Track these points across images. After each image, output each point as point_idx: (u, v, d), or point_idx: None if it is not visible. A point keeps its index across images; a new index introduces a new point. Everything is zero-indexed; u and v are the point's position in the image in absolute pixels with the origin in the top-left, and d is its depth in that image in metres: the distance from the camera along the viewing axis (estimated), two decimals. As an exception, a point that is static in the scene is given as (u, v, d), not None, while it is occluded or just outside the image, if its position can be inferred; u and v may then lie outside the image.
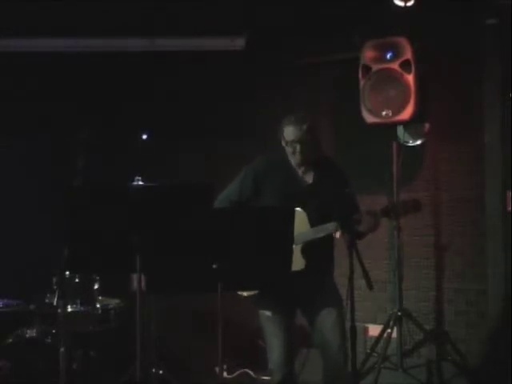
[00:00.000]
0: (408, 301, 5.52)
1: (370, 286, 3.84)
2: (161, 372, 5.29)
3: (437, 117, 5.60)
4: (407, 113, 5.32)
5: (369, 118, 5.45)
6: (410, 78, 5.30)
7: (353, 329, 3.88)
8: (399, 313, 5.38)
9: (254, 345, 5.46)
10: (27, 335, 4.93)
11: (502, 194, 5.39)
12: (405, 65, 5.33)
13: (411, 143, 5.59)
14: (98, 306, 5.14)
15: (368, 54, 5.47)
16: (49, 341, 4.92)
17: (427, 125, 5.59)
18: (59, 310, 4.82)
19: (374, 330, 5.67)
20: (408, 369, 5.44)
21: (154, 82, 6.27)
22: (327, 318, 4.23)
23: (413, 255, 5.67)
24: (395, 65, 5.36)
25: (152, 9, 5.72)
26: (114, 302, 5.31)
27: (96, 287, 5.13)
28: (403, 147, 5.55)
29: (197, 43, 6.05)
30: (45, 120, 6.10)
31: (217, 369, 3.81)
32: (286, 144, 4.27)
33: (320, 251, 4.23)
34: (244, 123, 6.22)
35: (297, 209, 4.07)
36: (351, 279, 3.86)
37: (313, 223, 4.20)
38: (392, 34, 5.41)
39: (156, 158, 5.81)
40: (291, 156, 4.27)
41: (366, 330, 5.84)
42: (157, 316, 5.32)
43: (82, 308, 5.06)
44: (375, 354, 5.40)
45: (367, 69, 5.47)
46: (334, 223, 4.12)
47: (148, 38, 6.02)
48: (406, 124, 5.47)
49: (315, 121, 4.40)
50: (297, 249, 4.16)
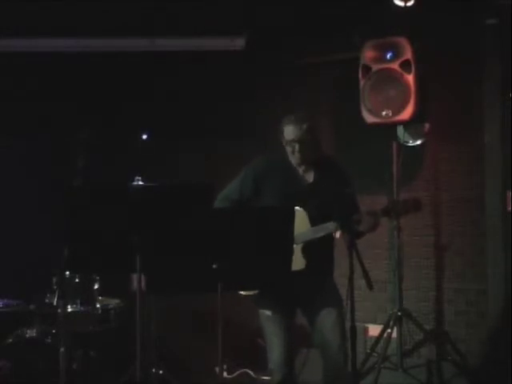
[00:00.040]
0: (408, 301, 5.52)
1: (370, 286, 3.84)
2: (161, 372, 5.29)
3: (437, 117, 5.60)
4: (407, 113, 5.32)
5: (369, 118, 5.46)
6: (410, 78, 5.30)
7: (353, 329, 3.88)
8: (399, 313, 5.38)
9: (254, 345, 5.46)
10: (27, 335, 4.93)
11: (502, 194, 5.39)
12: (405, 65, 5.33)
13: (411, 143, 5.59)
14: (98, 306, 5.14)
15: (368, 54, 5.47)
16: (49, 341, 4.92)
17: (427, 125, 5.59)
18: (59, 310, 4.82)
19: (374, 330, 5.67)
20: (408, 369, 5.44)
21: (154, 82, 6.27)
22: (327, 318, 4.23)
23: (413, 255, 5.67)
24: (395, 65, 5.36)
25: (152, 9, 5.72)
26: (114, 302, 5.31)
27: (96, 287, 5.13)
28: (403, 147, 5.55)
29: (197, 43, 6.05)
30: (45, 120, 6.10)
31: (217, 369, 3.81)
32: (286, 144, 4.27)
33: (320, 251, 4.23)
34: (244, 123, 6.22)
35: (297, 208, 4.08)
36: (351, 279, 3.86)
37: (313, 223, 4.20)
38: (392, 34, 5.41)
39: (156, 158, 5.81)
40: (291, 155, 4.28)
41: (366, 330, 5.84)
42: (157, 316, 5.32)
43: (82, 308, 5.06)
44: (375, 354, 5.40)
45: (367, 69, 5.47)
46: (334, 223, 4.12)
47: (148, 38, 6.02)
48: (406, 124, 5.47)
49: (315, 121, 4.41)
50: (297, 248, 4.17)
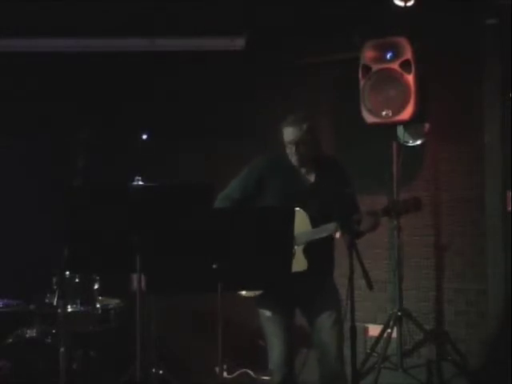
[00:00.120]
0: (408, 301, 5.52)
1: (370, 286, 3.84)
2: (161, 372, 5.29)
3: (437, 117, 5.60)
4: (407, 113, 5.32)
5: (369, 118, 5.46)
6: (410, 78, 5.30)
7: (353, 329, 3.88)
8: (399, 313, 5.38)
9: (254, 345, 5.46)
10: (27, 335, 4.93)
11: (502, 194, 5.39)
12: (405, 65, 5.33)
13: (411, 143, 5.59)
14: (98, 306, 5.14)
15: (368, 54, 5.47)
16: (49, 341, 4.92)
17: (427, 125, 5.59)
18: (59, 310, 4.82)
19: (374, 330, 5.66)
20: (408, 369, 5.44)
21: (154, 82, 6.27)
22: (326, 321, 4.23)
23: (413, 255, 5.67)
24: (395, 65, 5.36)
25: (152, 9, 5.71)
26: (114, 302, 5.31)
27: (96, 287, 5.13)
28: (403, 147, 5.55)
29: (197, 43, 6.05)
30: (45, 120, 6.10)
31: (217, 369, 3.80)
32: (286, 145, 4.27)
33: (321, 252, 4.23)
34: (244, 123, 6.22)
35: (297, 209, 4.08)
36: (351, 279, 3.86)
37: (314, 223, 4.20)
38: (392, 34, 5.41)
39: (156, 158, 5.81)
40: (290, 157, 4.27)
41: (366, 330, 5.84)
42: (157, 316, 5.32)
43: (82, 308, 5.07)
44: (375, 354, 5.40)
45: (367, 69, 5.47)
46: (335, 223, 4.12)
47: (148, 38, 6.02)
48: (406, 124, 5.47)
49: (315, 121, 4.40)
50: (299, 249, 4.17)
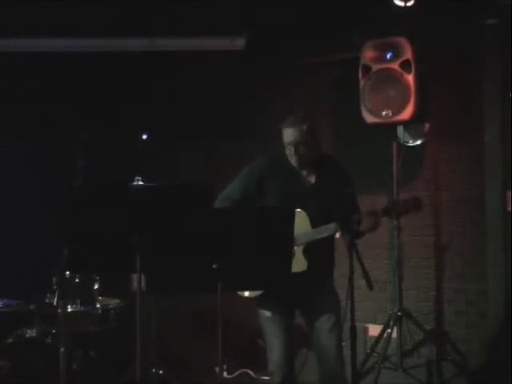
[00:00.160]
0: (408, 301, 5.52)
1: (370, 286, 3.84)
2: (161, 372, 5.28)
3: (437, 117, 5.60)
4: (407, 113, 5.32)
5: (369, 118, 5.46)
6: (410, 78, 5.30)
7: (353, 329, 3.88)
8: (399, 313, 5.38)
9: (254, 345, 5.46)
10: (27, 335, 4.93)
11: (502, 194, 5.39)
12: (405, 65, 5.33)
13: (411, 143, 5.59)
14: (98, 306, 5.14)
15: (368, 54, 5.47)
16: (49, 341, 4.92)
17: (427, 125, 5.59)
18: (59, 310, 4.82)
19: (374, 330, 5.66)
20: (408, 369, 5.44)
21: (154, 82, 6.27)
22: (325, 323, 4.23)
23: (413, 255, 5.67)
24: (395, 65, 5.36)
25: (152, 9, 5.71)
26: (114, 302, 5.30)
27: (96, 287, 5.12)
28: (403, 147, 5.55)
29: (197, 43, 6.05)
30: (45, 120, 6.10)
31: (217, 369, 3.80)
32: (286, 146, 4.26)
33: (321, 252, 4.22)
34: (244, 123, 6.22)
35: (297, 210, 4.07)
36: (351, 279, 3.85)
37: (314, 224, 4.19)
38: (392, 34, 5.41)
39: (156, 158, 5.81)
40: (290, 158, 4.26)
41: (366, 330, 5.84)
42: (157, 316, 5.32)
43: (82, 308, 5.06)
44: (375, 354, 5.40)
45: (367, 69, 5.47)
46: (335, 224, 4.12)
47: (148, 38, 6.02)
48: (406, 124, 5.47)
49: (315, 121, 4.40)
50: (298, 250, 4.17)
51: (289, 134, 4.22)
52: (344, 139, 5.96)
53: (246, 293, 4.25)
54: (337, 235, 4.19)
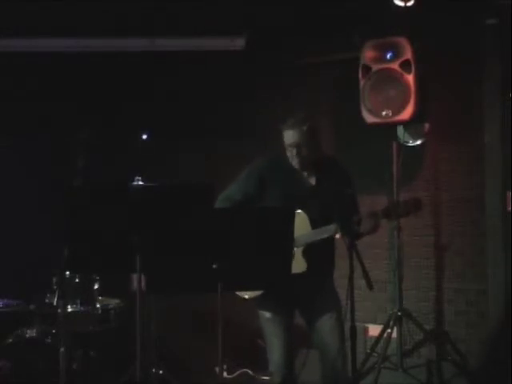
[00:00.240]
0: (408, 301, 5.52)
1: (370, 286, 3.84)
2: (161, 372, 5.28)
3: (437, 117, 5.60)
4: (407, 113, 5.32)
5: (369, 118, 5.45)
6: (410, 78, 5.30)
7: (353, 329, 3.88)
8: (399, 313, 5.38)
9: (254, 345, 5.45)
10: (27, 335, 4.93)
11: (502, 194, 5.39)
12: (405, 65, 5.33)
13: (411, 143, 5.59)
14: (98, 306, 5.14)
15: (368, 54, 5.47)
16: (49, 341, 4.92)
17: (427, 125, 5.59)
18: (59, 310, 4.82)
19: (374, 330, 5.66)
20: (408, 369, 5.44)
21: (154, 82, 6.27)
22: (326, 322, 4.23)
23: (413, 255, 5.67)
24: (395, 65, 5.36)
25: (152, 9, 5.71)
26: (114, 302, 5.30)
27: (96, 287, 5.12)
28: (403, 147, 5.55)
29: (197, 43, 6.05)
30: (45, 120, 6.10)
31: (217, 369, 3.80)
32: (286, 148, 4.24)
33: (321, 253, 4.22)
34: (244, 123, 6.22)
35: (298, 211, 4.07)
36: (351, 279, 3.85)
37: (315, 225, 4.19)
38: (392, 34, 5.41)
39: (156, 158, 5.81)
40: (291, 160, 4.26)
41: (366, 330, 5.84)
42: (157, 316, 5.32)
43: (82, 308, 5.06)
44: (375, 354, 5.40)
45: (367, 69, 5.46)
46: (335, 225, 4.11)
47: (148, 38, 6.02)
48: (406, 124, 5.47)
49: (315, 121, 4.39)
50: (298, 251, 4.16)
51: (289, 136, 4.21)
52: (344, 139, 5.96)
53: (246, 295, 4.25)
54: (337, 236, 4.18)
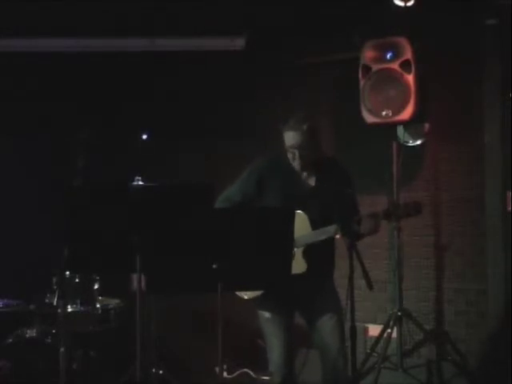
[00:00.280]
0: (408, 301, 5.52)
1: (370, 286, 3.84)
2: (161, 372, 5.28)
3: (437, 117, 5.60)
4: (407, 113, 5.32)
5: (369, 118, 5.45)
6: (410, 78, 5.30)
7: (353, 329, 3.88)
8: (399, 313, 5.37)
9: (254, 345, 5.45)
10: (27, 335, 4.93)
11: (502, 194, 5.39)
12: (405, 65, 5.33)
13: (411, 143, 5.59)
14: (98, 306, 5.14)
15: (368, 54, 5.47)
16: (49, 341, 4.92)
17: (427, 125, 5.59)
18: (59, 310, 4.82)
19: (374, 330, 5.66)
20: (408, 369, 5.43)
21: (154, 82, 6.27)
22: (327, 322, 4.23)
23: (413, 255, 5.67)
24: (395, 65, 5.36)
25: (152, 9, 5.71)
26: (114, 302, 5.30)
27: (96, 287, 5.12)
28: (403, 147, 5.55)
29: (197, 43, 6.05)
30: (45, 120, 6.10)
31: (217, 369, 3.80)
32: (287, 149, 4.23)
33: (321, 254, 4.21)
34: (244, 123, 6.22)
35: (298, 211, 4.07)
36: (351, 279, 3.85)
37: (314, 226, 4.18)
38: (392, 34, 5.41)
39: (156, 158, 5.81)
40: (292, 161, 4.24)
41: (366, 330, 5.84)
42: (157, 316, 5.32)
43: (82, 308, 5.06)
44: (375, 354, 5.40)
45: (367, 69, 5.46)
46: (335, 226, 4.11)
47: (148, 38, 6.02)
48: (406, 124, 5.47)
49: (315, 121, 4.39)
50: (298, 252, 4.16)
51: (290, 138, 4.19)
52: (344, 139, 5.96)
53: (245, 295, 4.25)
54: (337, 236, 4.18)
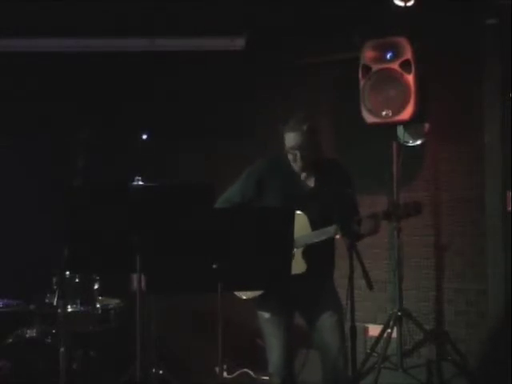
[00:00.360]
0: (408, 301, 5.52)
1: (370, 286, 3.84)
2: (161, 372, 5.29)
3: (437, 117, 5.60)
4: (407, 113, 5.32)
5: (369, 118, 5.45)
6: (410, 78, 5.30)
7: (353, 329, 3.88)
8: (399, 313, 5.38)
9: (254, 345, 5.46)
10: (27, 335, 4.93)
11: (502, 194, 5.39)
12: (405, 65, 5.33)
13: (411, 143, 5.59)
14: (98, 306, 5.14)
15: (368, 54, 5.47)
16: (49, 341, 4.92)
17: (427, 125, 5.59)
18: (59, 310, 4.82)
19: (374, 330, 5.66)
20: (408, 369, 5.44)
21: (154, 82, 6.27)
22: (327, 321, 4.22)
23: (413, 255, 5.67)
24: (395, 65, 5.36)
25: (152, 9, 5.72)
26: (114, 302, 5.31)
27: (96, 287, 5.13)
28: (403, 147, 5.55)
29: (197, 43, 6.05)
30: (45, 120, 6.10)
31: (217, 369, 3.81)
32: (287, 150, 4.22)
33: (321, 254, 4.21)
34: (244, 123, 6.22)
35: (298, 212, 4.06)
36: (351, 279, 3.85)
37: (314, 227, 4.18)
38: (392, 34, 5.41)
39: (156, 158, 5.81)
40: (293, 162, 4.23)
41: (366, 330, 5.84)
42: (157, 316, 5.32)
43: (82, 308, 5.06)
44: (375, 354, 5.40)
45: (367, 69, 5.46)
46: (335, 226, 4.11)
47: (148, 38, 6.03)
48: (406, 124, 5.47)
49: (315, 121, 4.38)
50: (298, 252, 4.16)
51: (291, 139, 4.18)
52: (344, 139, 5.96)
53: (244, 296, 4.25)
54: (337, 236, 4.18)
